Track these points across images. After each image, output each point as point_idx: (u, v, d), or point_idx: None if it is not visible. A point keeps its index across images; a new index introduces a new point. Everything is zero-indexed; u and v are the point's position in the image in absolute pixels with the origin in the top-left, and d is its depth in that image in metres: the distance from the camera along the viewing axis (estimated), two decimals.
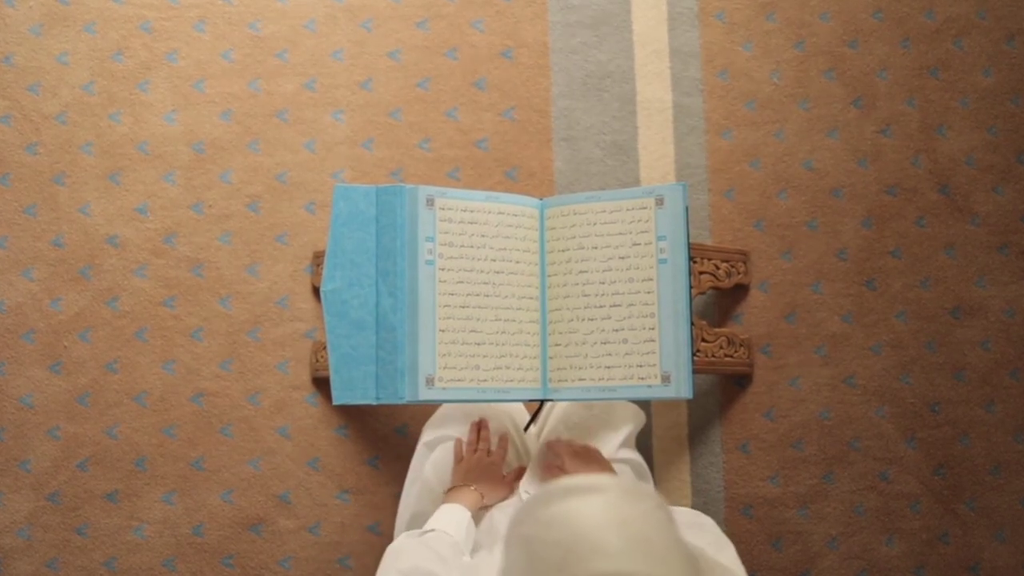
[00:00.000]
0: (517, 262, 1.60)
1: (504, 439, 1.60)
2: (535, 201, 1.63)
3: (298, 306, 1.89)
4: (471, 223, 1.58)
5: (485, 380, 1.53)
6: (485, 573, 1.17)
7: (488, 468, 1.54)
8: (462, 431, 1.62)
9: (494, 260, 1.58)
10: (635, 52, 1.94)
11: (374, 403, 1.53)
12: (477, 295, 1.56)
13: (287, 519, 1.86)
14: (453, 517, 1.41)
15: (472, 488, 1.49)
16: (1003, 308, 1.88)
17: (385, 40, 1.95)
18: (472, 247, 1.57)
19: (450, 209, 1.57)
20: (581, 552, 0.78)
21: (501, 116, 1.93)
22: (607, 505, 0.82)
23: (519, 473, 1.60)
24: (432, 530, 1.36)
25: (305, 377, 1.89)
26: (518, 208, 1.61)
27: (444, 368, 1.53)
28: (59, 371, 1.88)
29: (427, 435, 1.67)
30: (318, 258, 1.87)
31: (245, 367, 1.88)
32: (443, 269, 1.55)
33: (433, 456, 1.62)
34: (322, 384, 1.88)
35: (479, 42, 1.95)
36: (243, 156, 1.92)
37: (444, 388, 1.53)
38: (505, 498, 1.55)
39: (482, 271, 1.57)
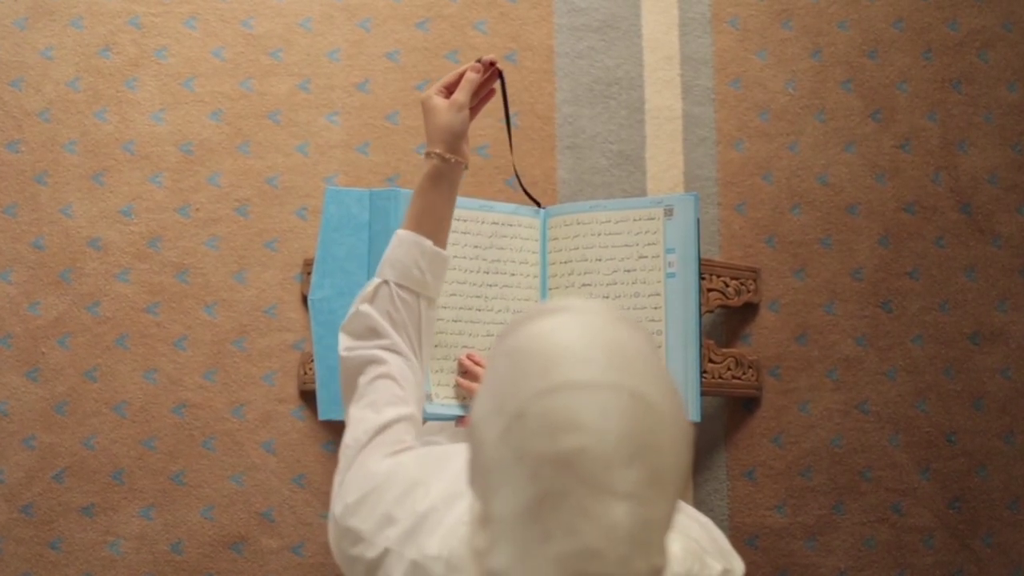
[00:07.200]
0: (513, 274, 1.57)
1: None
2: (537, 210, 1.62)
3: (286, 315, 1.86)
4: (463, 232, 1.55)
5: None
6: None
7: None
8: (451, 438, 1.56)
9: (487, 272, 1.56)
10: (644, 58, 1.91)
11: None
12: (469, 309, 1.53)
13: (270, 538, 1.82)
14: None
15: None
16: None
17: (383, 40, 1.92)
18: (466, 258, 1.55)
19: None
20: (564, 361, 0.80)
21: (503, 122, 1.90)
22: (596, 323, 0.84)
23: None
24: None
25: (292, 390, 1.85)
26: (519, 218, 1.59)
27: (438, 385, 1.50)
28: (36, 378, 1.84)
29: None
30: (308, 266, 1.84)
31: (229, 378, 1.85)
32: None
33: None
34: (309, 398, 1.83)
35: (481, 44, 1.92)
36: (233, 158, 1.89)
37: (440, 405, 1.51)
38: None
39: (474, 283, 1.55)
